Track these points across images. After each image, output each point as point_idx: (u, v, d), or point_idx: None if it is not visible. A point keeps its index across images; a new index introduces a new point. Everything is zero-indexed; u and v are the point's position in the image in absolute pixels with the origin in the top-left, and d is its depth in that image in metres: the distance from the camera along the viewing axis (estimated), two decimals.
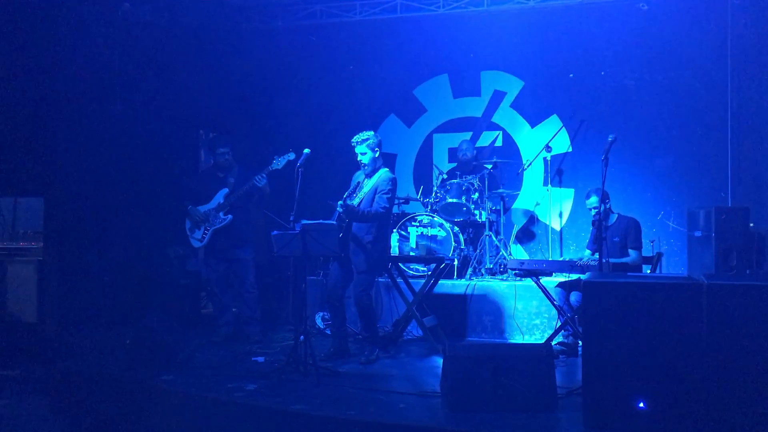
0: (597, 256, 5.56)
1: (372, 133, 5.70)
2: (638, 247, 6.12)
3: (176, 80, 7.53)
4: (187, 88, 7.69)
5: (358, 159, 5.68)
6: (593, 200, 6.11)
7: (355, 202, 5.57)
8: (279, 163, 6.09)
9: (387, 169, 5.78)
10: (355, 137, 5.66)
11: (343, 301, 5.83)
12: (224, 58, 8.16)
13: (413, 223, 7.33)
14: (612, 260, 5.92)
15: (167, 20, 7.36)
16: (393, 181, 5.67)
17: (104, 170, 6.90)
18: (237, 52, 8.33)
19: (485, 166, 7.63)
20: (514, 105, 8.48)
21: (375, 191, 5.59)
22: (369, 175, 5.72)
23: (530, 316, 6.58)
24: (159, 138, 7.45)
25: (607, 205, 6.14)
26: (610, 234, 6.14)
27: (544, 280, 6.14)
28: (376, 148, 5.69)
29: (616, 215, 6.28)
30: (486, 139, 8.56)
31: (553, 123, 8.21)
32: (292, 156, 5.97)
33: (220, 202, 6.38)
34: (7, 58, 6.46)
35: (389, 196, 5.60)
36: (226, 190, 6.40)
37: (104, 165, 6.89)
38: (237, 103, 8.53)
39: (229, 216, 6.35)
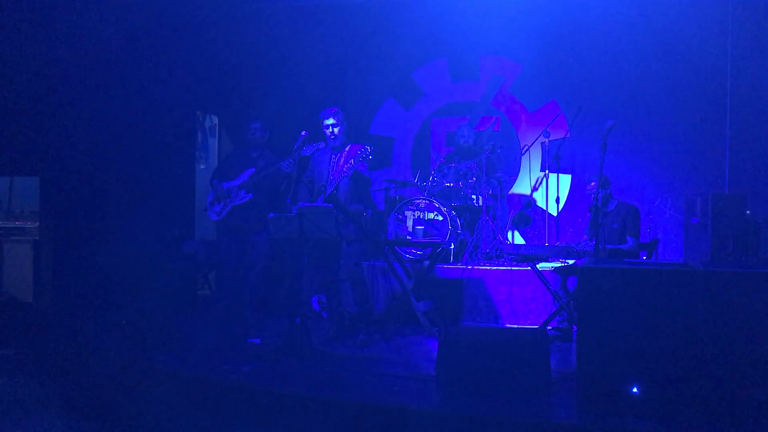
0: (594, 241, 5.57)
1: (335, 107, 5.80)
2: (636, 235, 6.13)
3: (173, 61, 7.50)
4: (184, 69, 7.66)
5: (329, 132, 5.75)
6: (593, 185, 6.11)
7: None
8: (308, 150, 6.03)
9: (351, 143, 5.86)
10: (324, 111, 5.77)
11: (339, 283, 5.84)
12: (222, 39, 8.11)
13: (410, 207, 7.31)
14: (609, 246, 5.92)
15: (165, 0, 7.31)
16: (369, 149, 5.68)
17: (101, 150, 6.89)
18: (235, 33, 8.28)
19: (483, 150, 7.61)
20: (513, 89, 8.46)
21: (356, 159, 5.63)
22: (338, 149, 5.78)
23: (526, 301, 6.59)
24: (156, 119, 7.42)
25: (608, 191, 6.14)
26: (609, 220, 6.14)
27: (540, 265, 6.14)
28: (345, 121, 5.80)
29: (617, 201, 6.27)
30: (484, 123, 8.55)
31: (551, 108, 8.19)
32: (322, 145, 5.91)
33: (244, 180, 6.36)
34: (3, 39, 6.42)
35: (370, 154, 5.62)
36: (252, 170, 6.37)
37: (101, 145, 6.88)
38: (234, 85, 8.50)
39: (250, 195, 6.32)
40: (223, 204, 6.40)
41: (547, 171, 7.65)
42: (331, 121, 5.72)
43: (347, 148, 5.76)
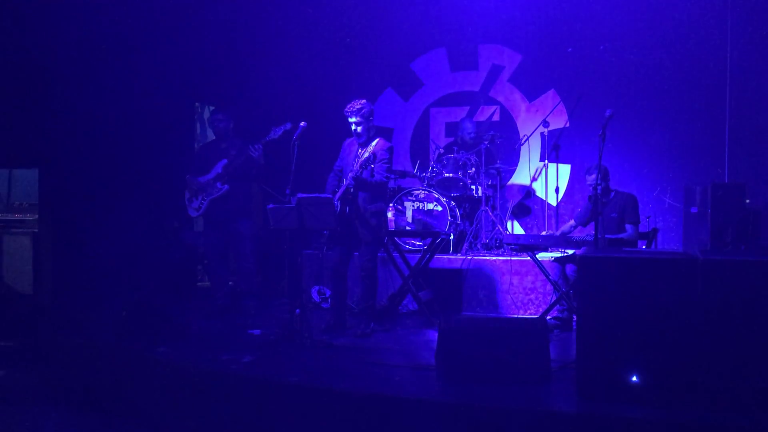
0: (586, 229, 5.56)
1: (364, 101, 5.65)
2: (635, 222, 6.13)
3: (171, 52, 7.47)
4: (182, 59, 7.63)
5: (353, 128, 5.66)
6: (594, 177, 6.10)
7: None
8: (276, 133, 6.06)
9: (380, 138, 5.78)
10: (348, 107, 5.62)
11: (345, 275, 5.85)
12: (219, 30, 8.08)
13: (409, 198, 7.32)
14: (608, 236, 5.92)
15: None
16: (391, 150, 5.72)
17: (100, 142, 6.88)
18: (232, 23, 8.25)
19: (482, 141, 7.60)
20: (512, 79, 8.44)
21: (374, 160, 5.58)
22: (364, 144, 5.70)
23: (525, 291, 6.60)
24: (154, 110, 7.41)
25: (606, 183, 6.13)
26: (608, 210, 6.14)
27: (539, 255, 6.15)
28: (370, 117, 5.68)
29: (614, 191, 6.27)
30: (483, 113, 8.53)
31: (550, 98, 8.17)
32: (288, 126, 5.94)
33: (218, 172, 6.37)
34: (1, 30, 6.39)
35: (389, 165, 5.66)
36: (225, 161, 6.39)
37: (99, 137, 6.86)
38: (232, 76, 8.47)
39: (226, 186, 6.35)
40: (200, 199, 6.42)
41: (546, 161, 7.65)
42: (354, 119, 5.61)
43: (373, 144, 5.64)
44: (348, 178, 5.49)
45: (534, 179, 8.22)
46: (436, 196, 7.27)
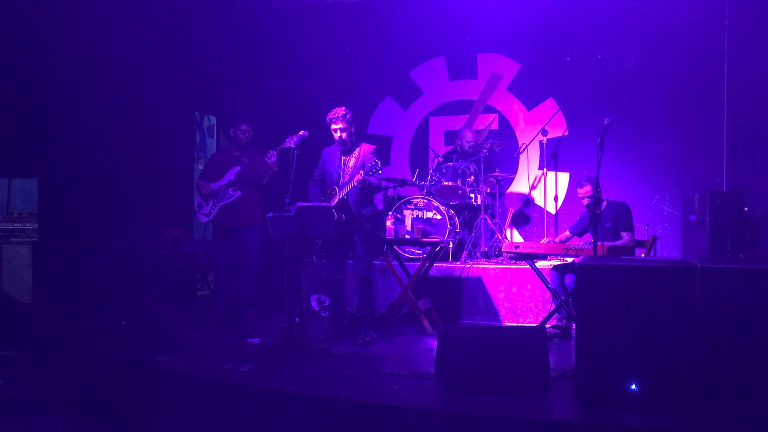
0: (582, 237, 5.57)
1: (344, 108, 5.68)
2: (630, 229, 6.15)
3: (171, 61, 7.50)
4: (181, 69, 7.66)
5: (337, 136, 5.69)
6: (587, 188, 6.12)
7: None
8: (291, 141, 6.06)
9: (363, 142, 5.82)
10: (331, 114, 5.65)
11: (343, 283, 5.86)
12: (219, 39, 8.12)
13: (408, 206, 7.33)
14: (606, 243, 5.93)
15: (163, 1, 7.31)
16: (377, 152, 5.76)
17: (99, 151, 6.89)
18: (232, 33, 8.28)
19: (481, 149, 7.62)
20: (511, 88, 8.46)
21: (363, 166, 5.61)
22: (348, 151, 5.74)
23: (525, 300, 6.60)
24: (154, 119, 7.43)
25: (599, 193, 6.14)
26: (602, 219, 6.15)
27: (539, 263, 6.15)
28: (353, 122, 5.73)
29: (606, 201, 6.29)
30: (482, 122, 8.55)
31: (549, 106, 8.19)
32: (305, 134, 5.93)
33: (231, 179, 6.41)
34: (1, 39, 6.42)
35: (379, 169, 5.64)
36: (238, 168, 6.41)
37: (99, 146, 6.88)
38: (232, 85, 8.50)
39: (238, 192, 6.37)
40: (211, 205, 6.43)
41: (545, 169, 7.66)
42: (338, 125, 5.66)
43: (358, 150, 5.72)
44: (354, 183, 5.49)
45: (533, 187, 8.24)
46: (435, 204, 7.27)
